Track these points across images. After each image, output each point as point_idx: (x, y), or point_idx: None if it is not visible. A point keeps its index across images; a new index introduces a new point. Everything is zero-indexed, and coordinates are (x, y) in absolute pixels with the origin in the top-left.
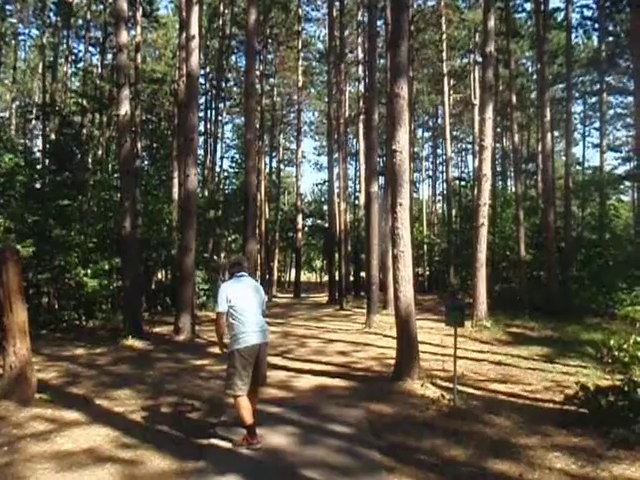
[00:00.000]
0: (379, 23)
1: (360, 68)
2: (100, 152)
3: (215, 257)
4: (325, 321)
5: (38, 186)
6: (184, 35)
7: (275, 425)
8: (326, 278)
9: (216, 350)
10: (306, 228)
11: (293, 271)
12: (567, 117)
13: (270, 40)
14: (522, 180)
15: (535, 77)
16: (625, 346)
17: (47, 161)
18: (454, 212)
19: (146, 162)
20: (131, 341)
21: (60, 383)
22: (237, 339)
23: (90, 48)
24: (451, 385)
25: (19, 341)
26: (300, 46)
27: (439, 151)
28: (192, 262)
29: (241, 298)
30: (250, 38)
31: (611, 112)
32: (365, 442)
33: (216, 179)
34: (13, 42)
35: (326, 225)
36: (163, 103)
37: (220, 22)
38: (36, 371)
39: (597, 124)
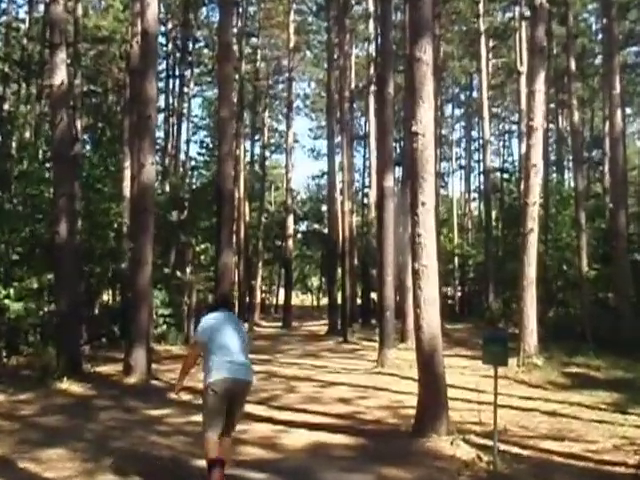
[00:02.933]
0: None
1: (370, 24)
2: (27, 134)
3: (179, 273)
4: (324, 358)
5: None
6: None
7: None
8: (325, 301)
9: (180, 396)
10: (299, 235)
11: (282, 292)
12: None
13: None
14: (584, 172)
15: (600, 37)
16: None
17: None
18: (494, 214)
19: (88, 147)
20: (67, 384)
21: None
22: (210, 371)
23: None
24: (490, 443)
25: None
26: None
27: (474, 134)
28: (148, 279)
29: (223, 332)
30: None
31: None
32: None
33: (180, 170)
34: None
35: (325, 231)
36: (111, 70)
37: None
38: None
39: None
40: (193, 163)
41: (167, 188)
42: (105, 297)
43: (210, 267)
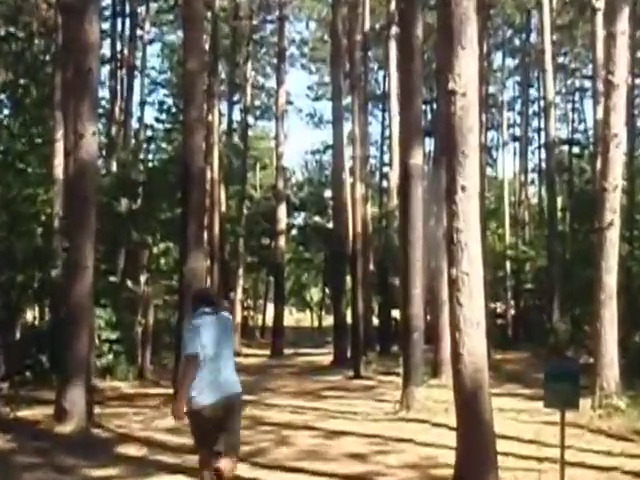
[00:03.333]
0: None
1: None
2: None
3: (130, 283)
4: (328, 398)
5: None
6: None
7: None
8: (330, 321)
9: (134, 451)
10: (294, 231)
11: (271, 308)
12: None
13: None
14: None
15: None
16: None
17: None
18: (559, 202)
19: (5, 112)
20: None
21: None
22: (197, 392)
23: None
24: None
25: None
26: None
27: (533, 93)
28: (88, 292)
29: (214, 342)
30: None
31: None
32: None
33: (132, 142)
34: None
35: (329, 225)
36: (37, 6)
37: None
38: None
39: None
40: (150, 133)
41: (114, 167)
42: (30, 316)
43: (173, 275)
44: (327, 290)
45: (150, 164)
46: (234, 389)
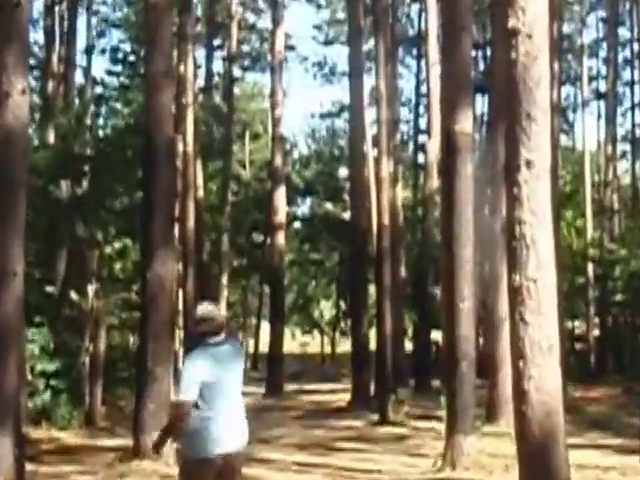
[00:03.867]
0: None
1: None
2: None
3: (74, 295)
4: (344, 452)
5: None
6: None
7: None
8: (347, 346)
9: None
10: (297, 223)
11: (266, 328)
12: None
13: None
14: None
15: None
16: None
17: None
18: None
19: None
20: None
21: None
22: (198, 442)
23: None
24: None
25: None
26: None
27: (623, 33)
28: (17, 307)
29: (219, 383)
30: None
31: None
32: None
33: (76, 104)
34: None
35: (345, 216)
36: None
37: None
38: None
39: None
40: (99, 91)
41: (51, 138)
42: None
43: (132, 284)
44: (343, 304)
45: (101, 133)
46: (242, 440)
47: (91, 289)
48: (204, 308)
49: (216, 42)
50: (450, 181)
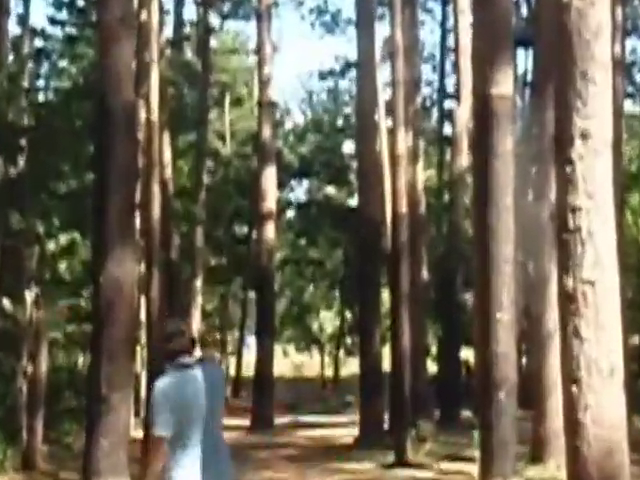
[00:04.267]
0: None
1: None
2: None
3: (8, 303)
4: None
5: None
6: None
7: None
8: (354, 367)
9: None
10: (291, 212)
11: (252, 344)
12: None
13: None
14: None
15: None
16: None
17: None
18: None
19: None
20: None
21: None
22: None
23: None
24: None
25: None
26: None
27: None
28: None
29: (192, 414)
30: None
31: None
32: None
33: (10, 60)
34: None
35: (352, 202)
36: None
37: None
38: None
39: None
40: (40, 44)
41: None
42: None
43: (81, 289)
44: (349, 314)
45: (41, 97)
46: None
47: (29, 295)
48: (174, 322)
49: None
50: (484, 158)
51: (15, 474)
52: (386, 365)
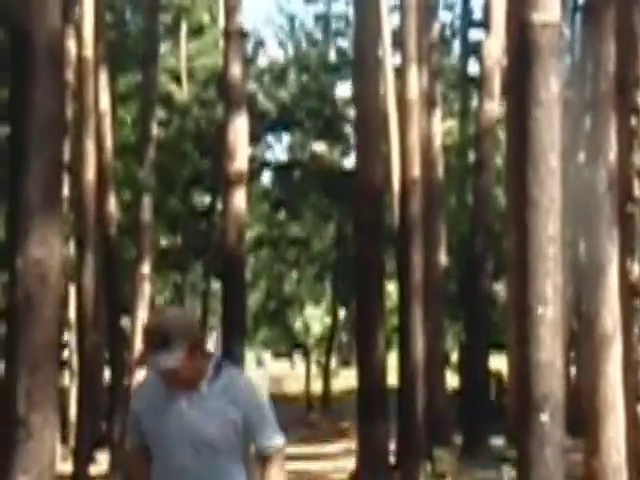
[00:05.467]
0: None
1: None
2: None
3: None
4: None
5: None
6: None
7: None
8: (349, 381)
9: None
10: (266, 177)
11: (216, 348)
12: None
13: None
14: None
15: None
16: None
17: None
18: None
19: None
20: None
21: None
22: None
23: None
24: None
25: None
26: None
27: None
28: None
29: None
30: None
31: None
32: None
33: None
34: None
35: (348, 163)
36: None
37: None
38: None
39: None
40: None
41: None
42: None
43: None
44: (342, 312)
45: None
46: None
47: None
48: (153, 320)
49: None
50: (523, 105)
51: None
52: (392, 378)
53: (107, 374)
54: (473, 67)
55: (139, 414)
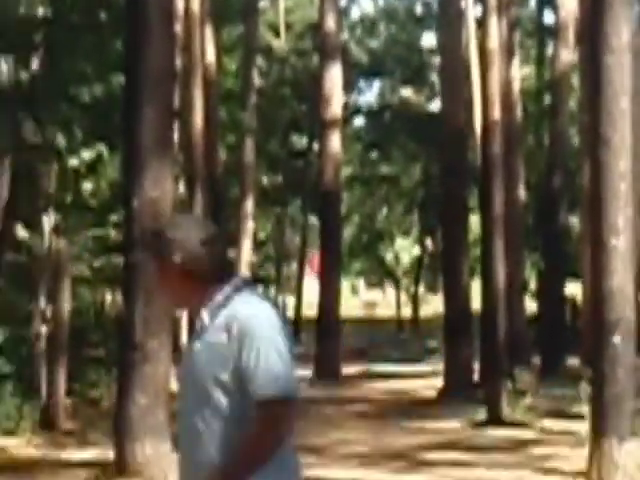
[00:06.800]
0: None
1: None
2: None
3: (22, 231)
4: (437, 467)
5: None
6: None
7: None
8: (436, 307)
9: None
10: (359, 120)
11: (313, 280)
12: None
13: None
14: None
15: None
16: None
17: None
18: None
19: None
20: None
21: None
22: None
23: None
24: None
25: None
26: None
27: None
28: None
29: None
30: None
31: None
32: None
33: None
34: None
35: (434, 107)
36: None
37: None
38: None
39: None
40: None
41: None
42: None
43: (109, 214)
44: (430, 243)
45: None
46: None
47: (47, 222)
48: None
49: None
50: (596, 53)
51: (33, 435)
52: (476, 304)
53: None
54: (548, 17)
55: None
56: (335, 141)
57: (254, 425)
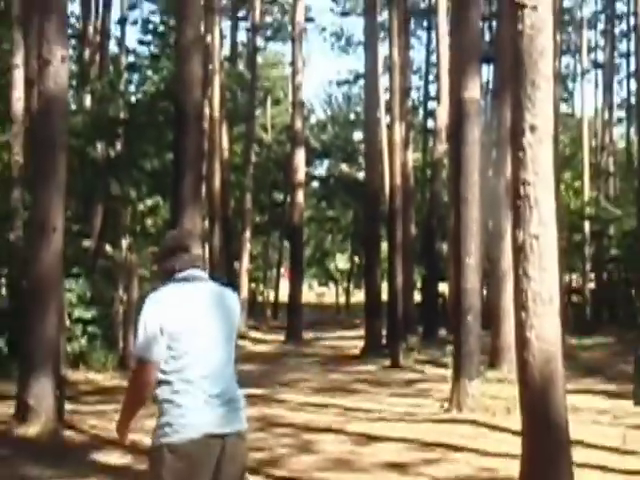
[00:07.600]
0: None
1: None
2: None
3: (109, 248)
4: (358, 394)
5: None
6: None
7: None
8: (360, 297)
9: (115, 459)
10: (315, 183)
11: (284, 281)
12: None
13: None
14: None
15: None
16: None
17: None
18: None
19: None
20: None
21: None
22: (168, 422)
23: None
24: None
25: None
26: None
27: (621, 7)
28: (57, 259)
29: (189, 332)
30: None
31: None
32: None
33: (111, 71)
34: None
35: (360, 176)
36: None
37: None
38: None
39: None
40: (132, 59)
41: (88, 102)
42: None
43: (162, 239)
44: (357, 258)
45: (133, 99)
46: (235, 421)
47: (125, 243)
48: (173, 235)
49: (240, 14)
50: (458, 145)
51: (114, 372)
52: (384, 296)
53: None
54: (430, 123)
55: None
56: (300, 196)
57: None
